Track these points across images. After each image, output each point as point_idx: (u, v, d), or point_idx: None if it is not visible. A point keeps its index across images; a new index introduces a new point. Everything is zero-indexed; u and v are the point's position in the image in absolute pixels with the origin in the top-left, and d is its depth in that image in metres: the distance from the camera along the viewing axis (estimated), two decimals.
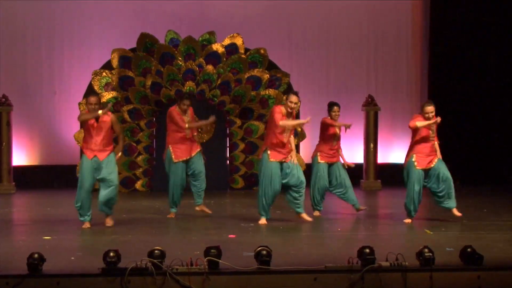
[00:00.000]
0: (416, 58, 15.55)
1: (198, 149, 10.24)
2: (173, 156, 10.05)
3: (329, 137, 10.18)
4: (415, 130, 9.45)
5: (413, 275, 6.02)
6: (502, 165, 14.89)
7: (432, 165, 9.48)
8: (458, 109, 15.20)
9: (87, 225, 9.12)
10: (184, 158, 10.09)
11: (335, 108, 10.20)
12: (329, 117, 10.19)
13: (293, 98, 9.30)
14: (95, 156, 9.09)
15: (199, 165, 10.18)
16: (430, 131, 9.50)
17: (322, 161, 10.21)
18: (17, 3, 14.41)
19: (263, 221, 9.44)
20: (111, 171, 9.11)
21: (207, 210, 10.21)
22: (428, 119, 9.32)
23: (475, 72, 15.12)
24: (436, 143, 9.64)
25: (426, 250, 6.16)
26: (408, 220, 9.53)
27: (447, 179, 9.48)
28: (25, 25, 14.65)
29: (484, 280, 6.05)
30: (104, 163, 9.09)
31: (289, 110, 9.31)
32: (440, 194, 9.54)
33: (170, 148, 10.09)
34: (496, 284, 6.06)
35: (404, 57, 15.48)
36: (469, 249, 6.25)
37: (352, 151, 14.87)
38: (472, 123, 15.15)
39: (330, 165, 10.29)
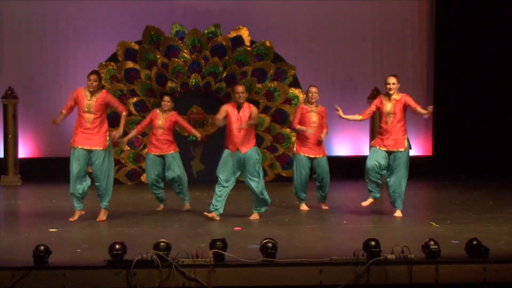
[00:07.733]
0: (422, 51, 15.51)
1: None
2: None
3: None
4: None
5: (418, 268, 6.02)
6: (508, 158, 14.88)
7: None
8: (464, 102, 15.18)
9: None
10: None
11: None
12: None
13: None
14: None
15: None
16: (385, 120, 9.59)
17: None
18: None
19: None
20: None
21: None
22: (388, 90, 9.64)
23: (481, 66, 15.08)
24: None
25: (431, 242, 6.15)
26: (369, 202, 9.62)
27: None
28: (30, 18, 14.66)
29: (490, 273, 6.04)
30: None
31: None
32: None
33: None
34: (502, 276, 6.05)
35: (410, 50, 15.45)
36: (474, 242, 6.24)
37: (358, 144, 14.88)
38: (478, 116, 15.12)
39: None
